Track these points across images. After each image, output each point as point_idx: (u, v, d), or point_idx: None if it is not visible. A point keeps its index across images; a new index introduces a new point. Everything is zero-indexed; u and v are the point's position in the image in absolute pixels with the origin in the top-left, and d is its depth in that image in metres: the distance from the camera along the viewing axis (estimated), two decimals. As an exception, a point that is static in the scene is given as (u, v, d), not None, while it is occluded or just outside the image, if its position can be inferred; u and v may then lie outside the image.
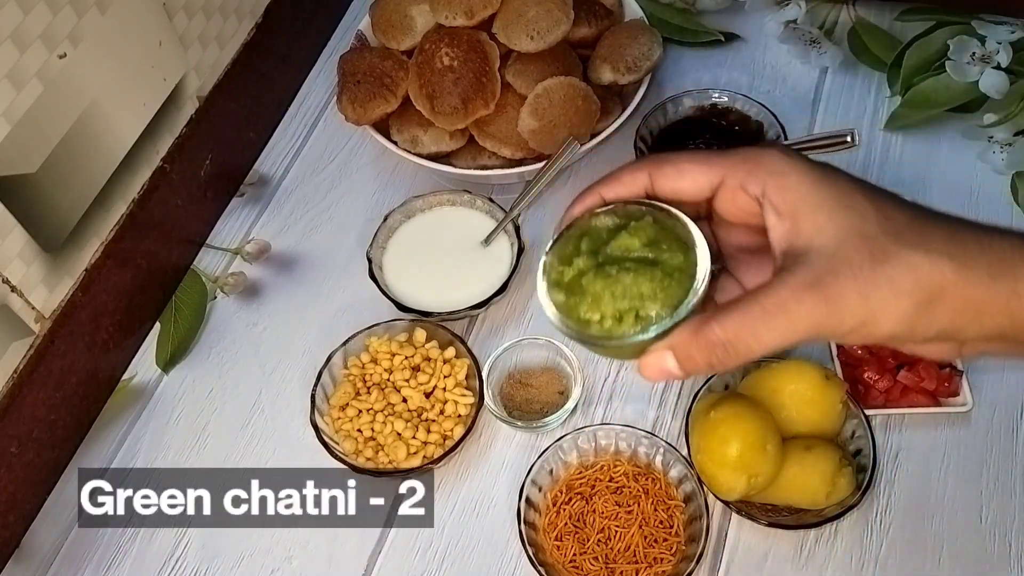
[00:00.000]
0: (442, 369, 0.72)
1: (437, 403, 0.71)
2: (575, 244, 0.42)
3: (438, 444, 0.69)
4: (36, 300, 0.67)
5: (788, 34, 0.96)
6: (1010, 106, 0.88)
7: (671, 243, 0.40)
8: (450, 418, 0.70)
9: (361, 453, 0.69)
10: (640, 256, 0.41)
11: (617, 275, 0.40)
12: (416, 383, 0.71)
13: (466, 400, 0.70)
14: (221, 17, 0.82)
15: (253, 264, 0.85)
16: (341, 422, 0.71)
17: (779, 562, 0.66)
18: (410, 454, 0.69)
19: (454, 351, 0.73)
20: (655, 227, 0.41)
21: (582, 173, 0.88)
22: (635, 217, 0.42)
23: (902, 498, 0.68)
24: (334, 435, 0.71)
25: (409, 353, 0.72)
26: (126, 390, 0.78)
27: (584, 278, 0.41)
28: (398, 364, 0.72)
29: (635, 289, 0.40)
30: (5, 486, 0.67)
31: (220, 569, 0.69)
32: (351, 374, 0.73)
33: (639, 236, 0.41)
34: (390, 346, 0.73)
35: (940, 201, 0.81)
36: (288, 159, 0.92)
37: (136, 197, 0.77)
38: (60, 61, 0.65)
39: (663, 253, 0.40)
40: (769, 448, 0.62)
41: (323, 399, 0.72)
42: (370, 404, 0.71)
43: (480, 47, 0.79)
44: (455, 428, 0.70)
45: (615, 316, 0.40)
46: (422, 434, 0.69)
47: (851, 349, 0.72)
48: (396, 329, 0.74)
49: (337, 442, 0.70)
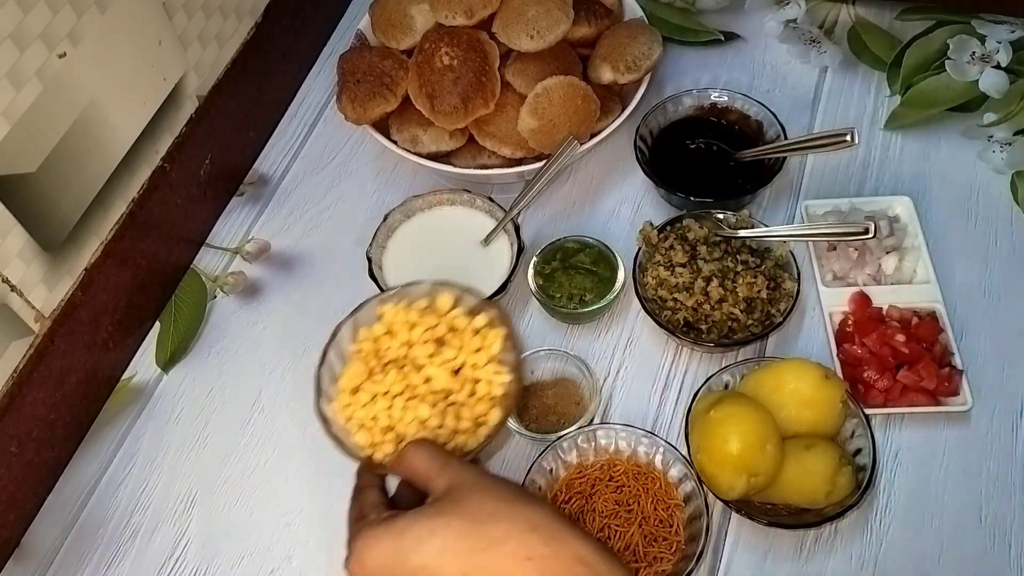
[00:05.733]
0: (472, 342, 0.59)
1: (467, 383, 0.58)
2: (552, 254, 0.78)
3: (470, 432, 0.57)
4: (36, 299, 0.67)
5: (788, 33, 0.96)
6: (1010, 105, 0.88)
7: (606, 263, 0.77)
8: (483, 400, 0.58)
9: (379, 447, 0.57)
10: (587, 267, 0.77)
11: (573, 274, 0.77)
12: (441, 359, 0.59)
13: (502, 378, 0.58)
14: (221, 16, 0.82)
15: (253, 263, 0.85)
16: (352, 409, 0.59)
17: (779, 562, 0.66)
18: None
19: (485, 319, 0.60)
20: (598, 253, 0.77)
21: (582, 172, 0.88)
22: (589, 245, 0.77)
23: (902, 498, 0.68)
24: (344, 425, 0.59)
25: (431, 323, 0.60)
26: (126, 389, 0.78)
27: (556, 273, 0.77)
28: (418, 336, 0.59)
29: (582, 284, 0.76)
30: (5, 486, 0.67)
31: (220, 569, 0.69)
32: (362, 350, 0.60)
33: (589, 256, 0.77)
34: (408, 315, 0.60)
35: (940, 200, 0.82)
36: (288, 158, 0.92)
37: (136, 197, 0.77)
38: (60, 60, 0.65)
39: (600, 267, 0.77)
40: (769, 447, 0.63)
41: (330, 381, 0.60)
42: (387, 386, 0.58)
43: (480, 46, 0.79)
44: (491, 412, 0.58)
45: (568, 296, 0.76)
46: (451, 420, 0.57)
47: (851, 348, 0.72)
48: (414, 294, 0.61)
49: (349, 433, 0.59)
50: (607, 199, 0.86)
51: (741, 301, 0.72)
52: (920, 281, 0.76)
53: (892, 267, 0.76)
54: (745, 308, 0.72)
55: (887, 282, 0.76)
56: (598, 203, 0.86)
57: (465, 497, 0.48)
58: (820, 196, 0.83)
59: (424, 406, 0.57)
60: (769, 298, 0.73)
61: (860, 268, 0.77)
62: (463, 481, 0.50)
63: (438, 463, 0.51)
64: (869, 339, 0.72)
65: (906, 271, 0.77)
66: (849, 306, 0.75)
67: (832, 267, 0.78)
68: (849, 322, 0.74)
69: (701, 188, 0.80)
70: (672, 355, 0.76)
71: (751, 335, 0.72)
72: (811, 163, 0.86)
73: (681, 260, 0.74)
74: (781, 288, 0.74)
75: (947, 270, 0.77)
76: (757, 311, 0.73)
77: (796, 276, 0.74)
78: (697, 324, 0.73)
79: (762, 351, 0.75)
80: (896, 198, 0.80)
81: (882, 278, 0.77)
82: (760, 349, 0.75)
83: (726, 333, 0.73)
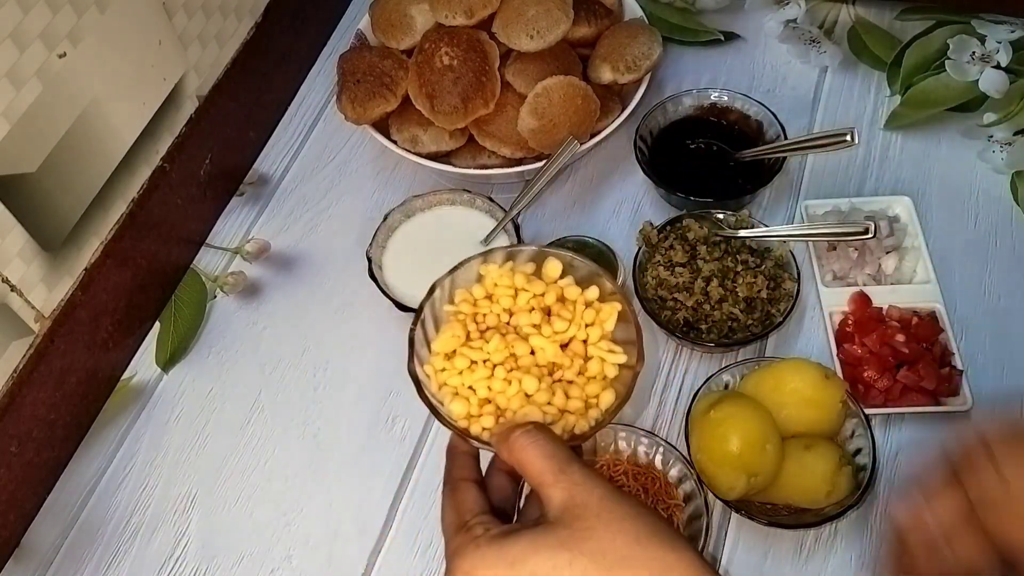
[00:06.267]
0: (583, 315, 0.53)
1: (576, 359, 0.53)
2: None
3: (580, 414, 0.51)
4: (36, 299, 0.67)
5: (788, 33, 0.96)
6: (1010, 105, 0.88)
7: (606, 263, 0.75)
8: (595, 380, 0.52)
9: (476, 420, 0.51)
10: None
11: None
12: (551, 331, 0.52)
13: (616, 358, 0.52)
14: (221, 16, 0.82)
15: (253, 263, 0.85)
16: (448, 374, 0.52)
17: (779, 561, 0.66)
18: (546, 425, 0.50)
19: (598, 291, 0.54)
20: (598, 253, 0.77)
21: (582, 172, 0.88)
22: (589, 245, 0.77)
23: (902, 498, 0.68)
24: (437, 392, 0.53)
25: (538, 291, 0.54)
26: (126, 389, 0.78)
27: None
28: (523, 303, 0.54)
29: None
30: (5, 485, 0.67)
31: (220, 569, 0.69)
32: (460, 312, 0.54)
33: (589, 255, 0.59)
34: (512, 279, 0.54)
35: (940, 200, 0.82)
36: (288, 158, 0.92)
37: (136, 196, 0.77)
38: (60, 60, 0.65)
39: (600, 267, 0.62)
40: (769, 447, 0.63)
41: (423, 343, 0.54)
42: (487, 354, 0.52)
43: (480, 46, 0.79)
44: (603, 394, 0.51)
45: None
46: (559, 399, 0.51)
47: (851, 348, 0.72)
48: (521, 257, 0.55)
49: (442, 400, 0.52)
50: (607, 199, 0.86)
51: (741, 301, 0.72)
52: (920, 281, 0.76)
53: (892, 267, 0.76)
54: (745, 308, 0.72)
55: (887, 282, 0.76)
56: (598, 203, 0.86)
57: (591, 528, 0.42)
58: (820, 196, 0.83)
59: (531, 379, 0.50)
60: (769, 298, 0.73)
61: (860, 268, 0.77)
62: (587, 500, 0.43)
63: (555, 464, 0.44)
64: (869, 339, 0.72)
65: (906, 271, 0.77)
66: (849, 306, 0.75)
67: (832, 267, 0.78)
68: (849, 322, 0.74)
69: (701, 188, 0.80)
70: (672, 355, 0.76)
71: (751, 335, 0.72)
72: (811, 163, 0.87)
73: (681, 260, 0.74)
74: (781, 288, 0.74)
75: (947, 270, 0.77)
76: (757, 311, 0.73)
77: (796, 276, 0.74)
78: (697, 324, 0.73)
79: (762, 351, 0.75)
80: (896, 198, 0.81)
81: (882, 278, 0.77)
82: (760, 349, 0.75)
83: (726, 333, 0.73)
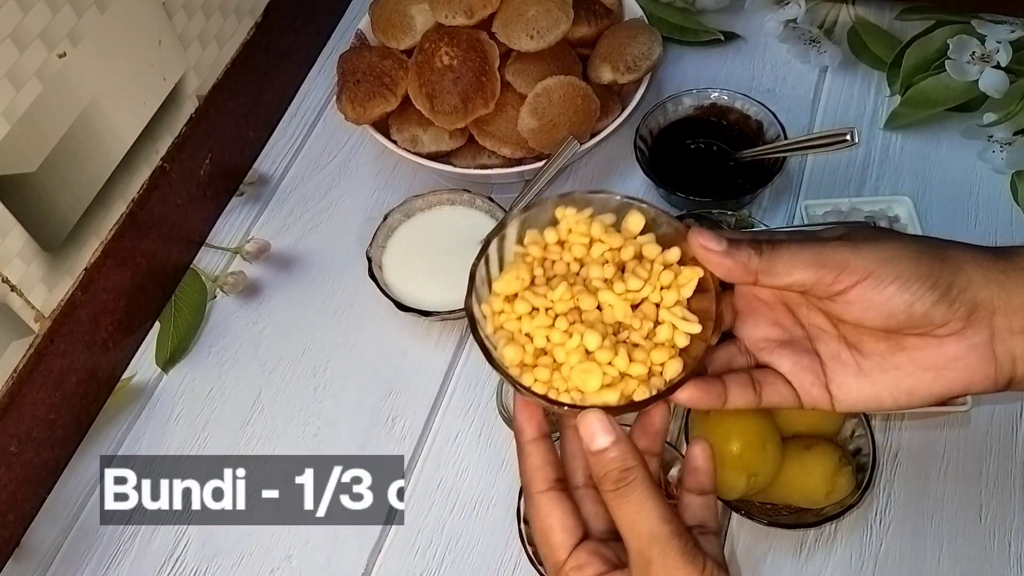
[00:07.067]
0: (661, 277, 0.48)
1: (646, 322, 0.48)
2: None
3: (642, 380, 0.47)
4: (36, 299, 0.67)
5: (788, 33, 0.96)
6: (1010, 105, 0.88)
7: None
8: (662, 347, 0.47)
9: (528, 370, 0.47)
10: None
11: None
12: (623, 288, 0.48)
13: (690, 327, 0.47)
14: (221, 16, 0.82)
15: (253, 263, 0.85)
16: (505, 317, 0.49)
17: (779, 562, 0.66)
18: (604, 386, 0.46)
19: (679, 254, 0.49)
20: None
21: (582, 172, 0.88)
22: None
23: (902, 497, 0.68)
24: (492, 334, 0.49)
25: (615, 244, 0.49)
26: (126, 389, 0.78)
27: None
28: (597, 255, 0.49)
29: None
30: (5, 485, 0.67)
31: (220, 568, 0.69)
32: (528, 254, 0.50)
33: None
34: (590, 227, 0.50)
35: (940, 200, 0.82)
36: (288, 158, 0.92)
37: (136, 196, 0.77)
38: (59, 60, 0.65)
39: None
40: (769, 447, 0.63)
41: (483, 281, 0.50)
42: (550, 302, 0.48)
43: (480, 46, 0.79)
44: (669, 363, 0.47)
45: None
46: (622, 361, 0.46)
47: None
48: (601, 205, 0.51)
49: (495, 346, 0.49)
50: (607, 199, 0.86)
51: (741, 301, 0.72)
52: (920, 281, 0.76)
53: (892, 267, 0.76)
54: (745, 308, 0.72)
55: (887, 282, 0.76)
56: (598, 203, 0.86)
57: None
58: (820, 196, 0.83)
59: (594, 335, 0.46)
60: (769, 298, 0.73)
61: (860, 268, 0.77)
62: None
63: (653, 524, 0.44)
64: (869, 339, 0.72)
65: (906, 271, 0.77)
66: (849, 306, 0.75)
67: (832, 267, 0.78)
68: (849, 322, 0.74)
69: (701, 188, 0.80)
70: (672, 355, 0.76)
71: (751, 335, 0.72)
72: (811, 163, 0.87)
73: (681, 260, 0.74)
74: (781, 288, 0.74)
75: (947, 270, 0.77)
76: (757, 311, 0.73)
77: (796, 276, 0.74)
78: (697, 324, 0.73)
79: (762, 351, 0.75)
80: (896, 198, 0.81)
81: (882, 278, 0.77)
82: (760, 349, 0.75)
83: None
